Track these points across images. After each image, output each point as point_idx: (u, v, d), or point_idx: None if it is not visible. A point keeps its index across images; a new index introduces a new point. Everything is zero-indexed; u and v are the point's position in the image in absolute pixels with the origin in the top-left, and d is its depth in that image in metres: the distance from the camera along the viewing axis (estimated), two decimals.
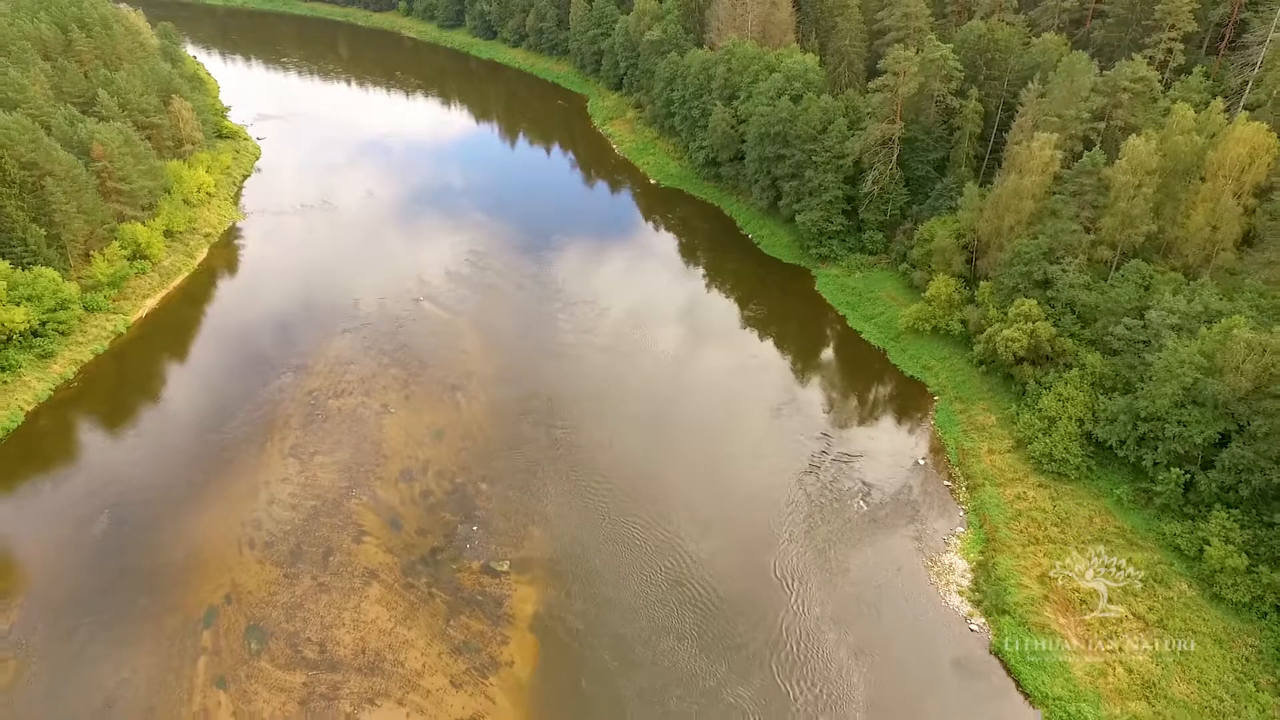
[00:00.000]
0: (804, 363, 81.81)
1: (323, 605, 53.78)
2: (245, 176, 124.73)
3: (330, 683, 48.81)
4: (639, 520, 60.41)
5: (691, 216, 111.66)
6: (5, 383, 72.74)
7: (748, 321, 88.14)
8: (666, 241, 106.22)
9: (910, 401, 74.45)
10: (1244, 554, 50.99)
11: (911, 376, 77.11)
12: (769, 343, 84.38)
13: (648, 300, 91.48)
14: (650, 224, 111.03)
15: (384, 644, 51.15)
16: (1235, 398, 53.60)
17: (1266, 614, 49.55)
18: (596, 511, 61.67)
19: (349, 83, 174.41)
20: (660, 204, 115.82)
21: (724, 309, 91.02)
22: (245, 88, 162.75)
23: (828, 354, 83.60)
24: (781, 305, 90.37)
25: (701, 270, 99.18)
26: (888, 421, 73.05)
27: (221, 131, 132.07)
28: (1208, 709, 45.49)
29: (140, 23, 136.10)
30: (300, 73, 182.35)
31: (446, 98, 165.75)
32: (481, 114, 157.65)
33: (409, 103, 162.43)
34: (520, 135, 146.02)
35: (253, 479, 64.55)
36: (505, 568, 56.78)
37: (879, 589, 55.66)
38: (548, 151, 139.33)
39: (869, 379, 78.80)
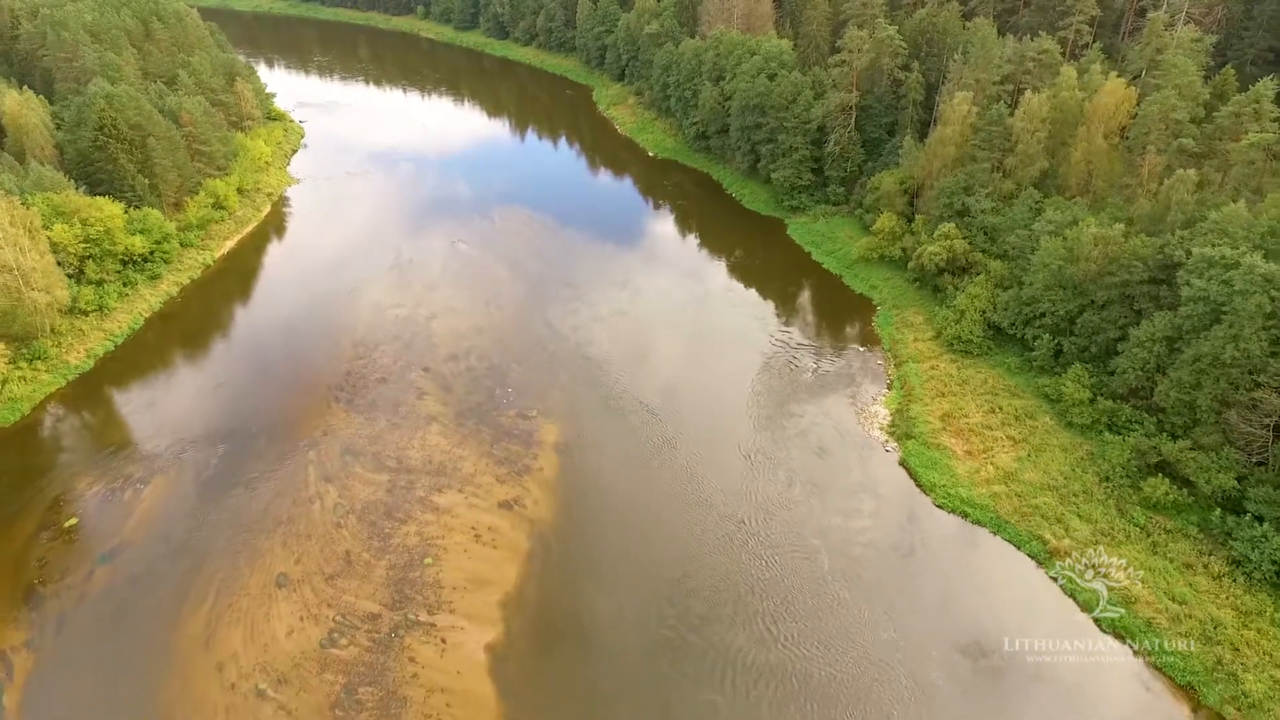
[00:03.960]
0: (776, 288, 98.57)
1: (396, 436, 71.06)
2: (294, 151, 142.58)
3: (407, 480, 66.02)
4: (633, 397, 76.74)
5: (684, 181, 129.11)
6: (127, 295, 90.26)
7: (732, 260, 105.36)
8: (663, 202, 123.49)
9: (858, 311, 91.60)
10: (1089, 391, 68.17)
11: (860, 294, 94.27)
12: (748, 275, 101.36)
13: (649, 249, 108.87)
14: (649, 188, 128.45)
15: (445, 458, 68.37)
16: (1087, 279, 70.81)
17: (1101, 431, 66.41)
18: (603, 388, 78.22)
19: (374, 80, 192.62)
20: (658, 173, 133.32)
21: (712, 252, 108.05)
22: (278, 85, 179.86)
23: (795, 281, 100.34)
24: (759, 247, 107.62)
25: (694, 223, 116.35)
26: (838, 325, 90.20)
27: (270, 114, 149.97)
28: (1047, 486, 62.54)
29: (197, 19, 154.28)
30: (328, 71, 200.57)
31: (464, 91, 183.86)
32: (497, 103, 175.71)
33: (431, 96, 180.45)
34: (532, 120, 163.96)
35: (331, 360, 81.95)
36: (534, 414, 74.04)
37: (821, 431, 72.56)
38: (558, 133, 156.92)
39: (827, 297, 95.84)
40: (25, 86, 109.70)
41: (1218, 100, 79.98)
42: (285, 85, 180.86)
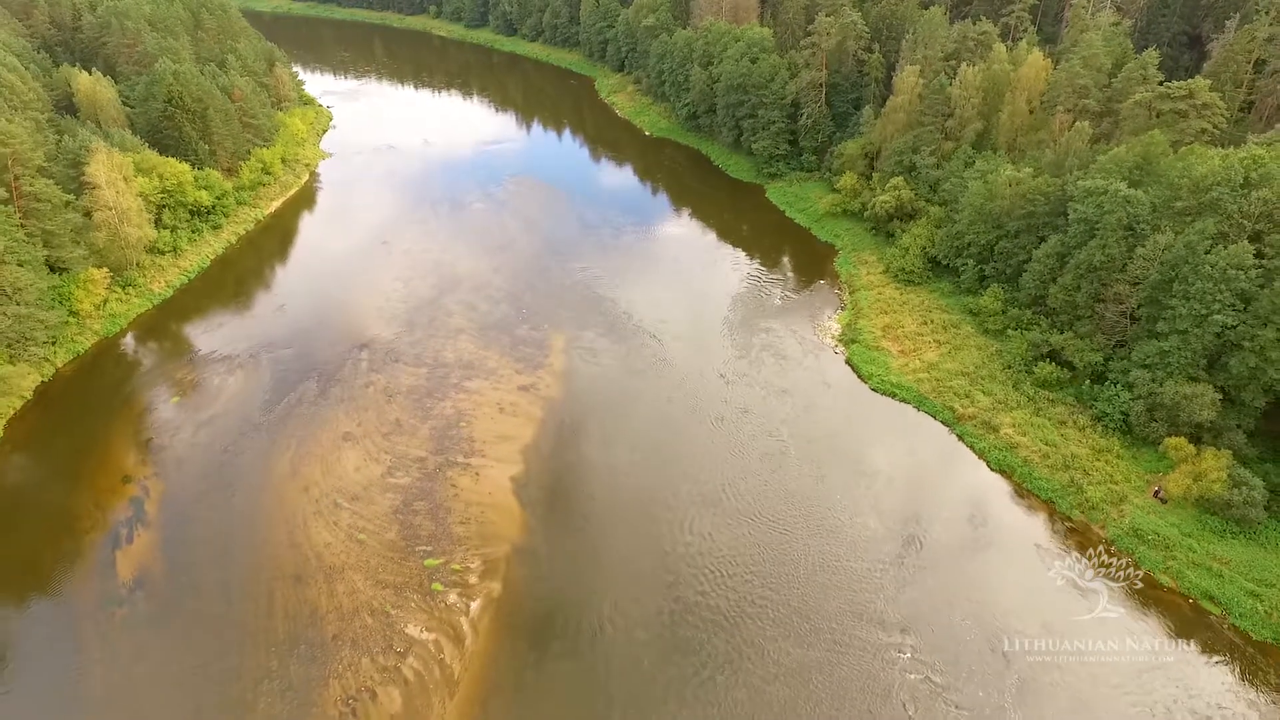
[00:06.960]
0: (753, 240, 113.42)
1: (431, 342, 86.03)
2: (324, 130, 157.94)
3: (442, 371, 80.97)
4: (632, 323, 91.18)
5: (677, 155, 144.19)
6: (195, 240, 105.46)
7: (717, 220, 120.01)
8: (657, 172, 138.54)
9: (822, 255, 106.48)
10: (1002, 304, 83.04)
11: (826, 241, 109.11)
12: (732, 231, 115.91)
13: (645, 212, 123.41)
14: (645, 161, 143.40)
15: (473, 357, 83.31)
16: (1002, 213, 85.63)
17: (1009, 335, 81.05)
18: (604, 315, 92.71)
19: (391, 74, 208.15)
20: (653, 149, 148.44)
21: (700, 213, 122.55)
22: (302, 77, 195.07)
23: (772, 235, 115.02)
24: (742, 209, 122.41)
25: (685, 190, 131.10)
26: (806, 266, 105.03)
27: (303, 98, 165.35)
28: (961, 372, 77.32)
29: (238, 12, 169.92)
30: (348, 67, 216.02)
31: (475, 82, 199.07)
32: (506, 93, 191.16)
33: (445, 87, 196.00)
34: (539, 107, 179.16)
35: (372, 290, 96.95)
36: (545, 327, 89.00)
37: (783, 342, 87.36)
38: (562, 117, 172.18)
39: (798, 246, 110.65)
40: (91, 70, 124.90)
41: (1117, 69, 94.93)
42: (309, 78, 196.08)
